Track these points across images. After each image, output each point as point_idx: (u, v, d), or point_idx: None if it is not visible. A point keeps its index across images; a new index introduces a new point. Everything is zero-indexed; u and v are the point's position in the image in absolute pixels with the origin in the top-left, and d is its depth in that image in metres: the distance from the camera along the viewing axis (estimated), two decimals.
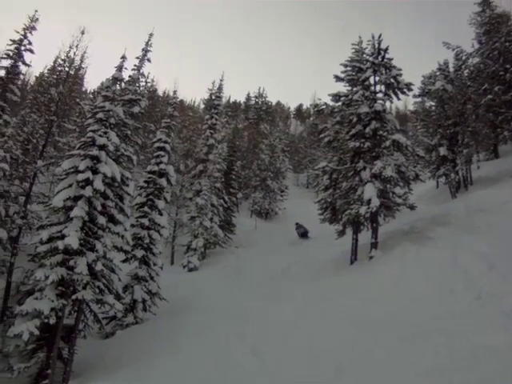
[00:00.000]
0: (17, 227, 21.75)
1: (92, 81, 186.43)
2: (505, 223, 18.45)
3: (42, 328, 15.85)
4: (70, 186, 17.23)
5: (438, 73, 38.50)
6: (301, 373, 11.21)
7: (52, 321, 15.67)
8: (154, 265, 23.56)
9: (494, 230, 18.23)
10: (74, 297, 16.52)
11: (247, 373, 12.26)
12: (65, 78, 33.05)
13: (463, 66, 39.55)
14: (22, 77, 29.10)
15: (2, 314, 20.14)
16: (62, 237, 16.14)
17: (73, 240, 15.91)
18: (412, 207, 23.55)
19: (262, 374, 12.01)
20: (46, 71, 49.87)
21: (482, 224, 19.67)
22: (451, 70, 38.88)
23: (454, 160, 34.74)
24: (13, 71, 23.50)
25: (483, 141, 38.17)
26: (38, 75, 55.19)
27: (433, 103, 38.35)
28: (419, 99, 40.84)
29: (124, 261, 22.59)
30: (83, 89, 58.99)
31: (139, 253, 23.12)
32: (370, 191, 21.96)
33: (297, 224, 45.17)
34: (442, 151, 34.65)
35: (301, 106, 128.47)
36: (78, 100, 42.96)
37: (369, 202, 21.78)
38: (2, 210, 21.10)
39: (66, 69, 41.66)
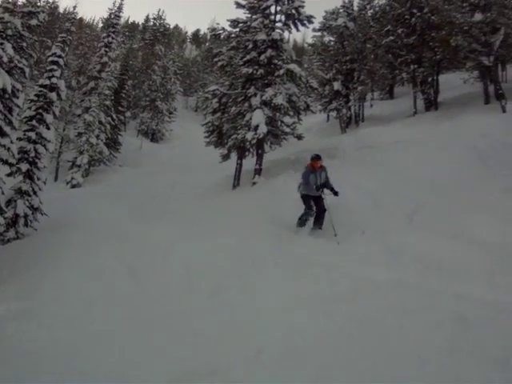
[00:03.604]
0: None
1: None
2: (393, 161, 19.24)
3: None
4: None
5: (341, 10, 39.25)
6: (177, 296, 11.32)
7: None
8: (38, 179, 23.31)
9: (381, 166, 18.93)
10: None
11: (124, 293, 12.25)
12: None
13: (368, 6, 40.35)
14: None
15: None
16: None
17: None
18: (300, 137, 24.19)
19: (139, 295, 12.02)
20: None
21: (370, 160, 20.40)
22: (355, 8, 39.51)
23: (348, 96, 35.86)
24: None
25: (379, 80, 39.16)
26: None
27: (332, 38, 39.21)
28: (319, 33, 41.53)
29: (9, 175, 22.12)
30: None
31: (24, 166, 22.71)
32: (258, 117, 22.37)
33: None
34: (336, 86, 35.64)
35: (198, 31, 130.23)
36: None
37: (256, 128, 22.21)
38: None
39: None
